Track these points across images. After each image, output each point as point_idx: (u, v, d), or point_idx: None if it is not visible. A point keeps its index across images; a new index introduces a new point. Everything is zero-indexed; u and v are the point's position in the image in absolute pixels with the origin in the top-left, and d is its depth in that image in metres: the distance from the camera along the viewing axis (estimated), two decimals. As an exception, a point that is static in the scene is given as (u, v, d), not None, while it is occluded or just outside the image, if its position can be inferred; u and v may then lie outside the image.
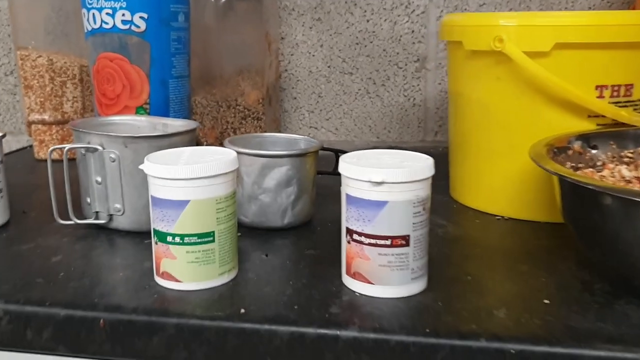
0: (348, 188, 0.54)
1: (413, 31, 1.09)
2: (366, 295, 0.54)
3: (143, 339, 0.52)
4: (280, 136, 0.77)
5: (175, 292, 0.56)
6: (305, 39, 1.12)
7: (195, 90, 1.01)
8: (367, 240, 0.53)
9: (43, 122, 1.03)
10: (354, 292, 0.55)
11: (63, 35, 1.03)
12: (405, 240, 0.53)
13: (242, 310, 0.52)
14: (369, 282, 0.54)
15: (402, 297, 0.54)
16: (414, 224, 0.53)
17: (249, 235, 0.69)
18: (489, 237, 0.69)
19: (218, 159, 0.56)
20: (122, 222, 0.69)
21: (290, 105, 1.16)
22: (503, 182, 0.74)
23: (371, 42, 1.10)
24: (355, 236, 0.54)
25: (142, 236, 0.68)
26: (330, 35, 1.11)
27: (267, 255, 0.64)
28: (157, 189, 0.55)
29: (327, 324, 0.50)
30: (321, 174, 0.77)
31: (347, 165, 0.54)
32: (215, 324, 0.51)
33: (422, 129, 1.13)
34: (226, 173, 0.55)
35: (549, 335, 0.47)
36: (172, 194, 0.54)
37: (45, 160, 0.96)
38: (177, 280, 0.56)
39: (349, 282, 0.56)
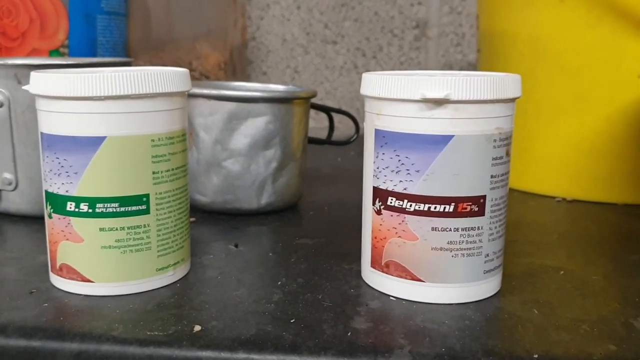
0: (380, 119, 0.32)
1: (411, -9, 0.89)
2: (409, 301, 0.32)
3: (12, 383, 0.28)
4: (256, 85, 0.54)
5: (80, 299, 0.32)
6: (278, -1, 0.91)
7: (137, 52, 0.78)
8: (414, 206, 0.31)
9: None
10: (387, 295, 0.33)
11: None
12: (478, 206, 0.31)
13: (197, 328, 0.29)
14: (415, 278, 0.32)
15: (471, 302, 0.32)
16: (492, 177, 0.31)
17: (209, 221, 0.46)
18: (560, 222, 0.48)
19: (155, 70, 0.33)
20: (14, 202, 0.46)
21: (259, 82, 0.93)
22: (566, 152, 0.53)
23: (360, 4, 0.90)
24: (392, 200, 0.32)
25: (43, 222, 0.44)
26: (309, -3, 0.90)
27: (236, 246, 0.41)
28: (49, 120, 0.32)
29: (352, 349, 0.27)
30: (311, 142, 0.55)
31: (382, 78, 0.32)
32: (148, 352, 0.28)
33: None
34: (171, 94, 0.33)
35: None
36: (75, 126, 0.31)
37: None
38: (84, 279, 0.33)
39: (377, 279, 0.34)
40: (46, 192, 0.33)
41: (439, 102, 0.30)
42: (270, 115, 0.46)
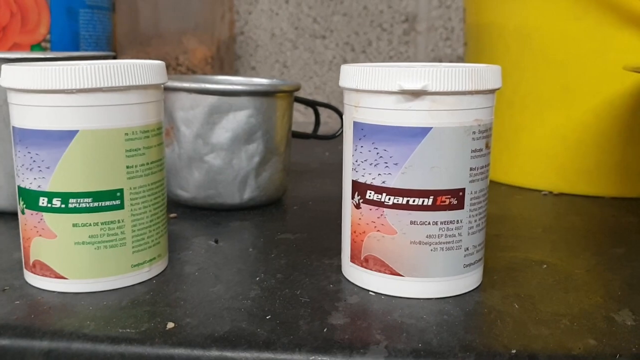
0: (358, 111, 0.32)
1: (400, -16, 0.88)
2: (388, 296, 0.32)
3: (-19, 382, 0.28)
4: (239, 79, 0.54)
5: (54, 296, 0.32)
6: (266, -6, 0.90)
7: (123, 47, 0.78)
8: (392, 200, 0.31)
9: None
10: (366, 290, 0.33)
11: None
12: (457, 199, 0.31)
13: (170, 325, 0.29)
14: (394, 273, 0.32)
15: (450, 297, 0.32)
16: (472, 170, 0.31)
17: (191, 216, 0.46)
18: (545, 215, 0.47)
19: (128, 62, 0.32)
20: (-8, 198, 0.45)
21: (247, 77, 0.93)
22: (552, 145, 0.53)
23: (349, -2, 0.89)
24: (371, 194, 0.32)
25: (20, 217, 0.43)
26: (298, -9, 0.90)
27: (217, 242, 0.40)
28: (20, 114, 0.31)
29: (327, 345, 0.27)
30: (296, 137, 0.54)
31: (360, 70, 0.31)
32: (119, 350, 0.27)
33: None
34: (145, 87, 0.32)
35: None
36: (46, 119, 0.31)
37: None
38: (58, 276, 0.32)
39: (357, 273, 0.33)
40: (19, 187, 0.33)
41: (416, 94, 0.30)
42: (252, 109, 0.45)
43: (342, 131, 0.58)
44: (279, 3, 0.90)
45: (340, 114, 0.57)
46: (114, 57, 0.50)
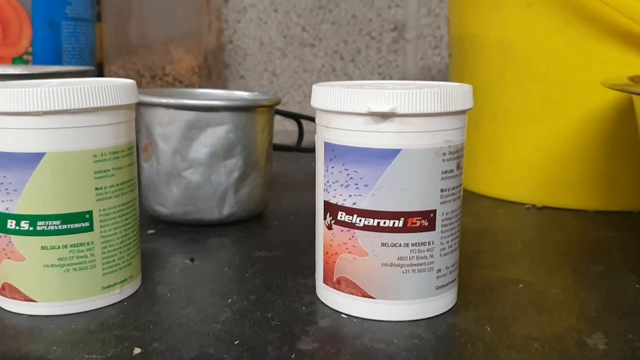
0: (329, 132, 0.31)
1: (389, -7, 0.88)
2: (360, 318, 0.32)
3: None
4: (218, 92, 0.53)
5: (23, 319, 0.32)
6: (254, 1, 0.90)
7: (110, 57, 0.77)
8: (363, 222, 0.31)
9: None
10: (339, 312, 0.32)
11: None
12: (428, 220, 0.31)
13: (137, 351, 0.28)
14: (365, 295, 0.31)
15: (423, 319, 0.31)
16: (442, 191, 0.31)
17: (169, 233, 0.45)
18: (526, 230, 0.47)
19: (96, 83, 0.32)
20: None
21: (236, 86, 0.92)
22: (535, 157, 0.52)
23: (337, 6, 0.89)
24: (342, 215, 0.31)
25: None
26: (287, -1, 0.89)
27: (192, 260, 0.40)
28: (-13, 136, 0.31)
29: (295, 372, 0.27)
30: (279, 150, 0.54)
31: (330, 91, 0.31)
32: (83, 378, 0.27)
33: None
34: (115, 107, 0.32)
35: None
36: (12, 141, 0.30)
37: None
38: (27, 299, 0.32)
39: (329, 295, 0.33)
40: (-13, 209, 0.32)
41: (385, 116, 0.29)
42: (231, 124, 0.45)
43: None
44: (267, 12, 0.90)
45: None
46: (99, 70, 0.50)
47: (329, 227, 0.32)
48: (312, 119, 0.55)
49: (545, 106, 0.51)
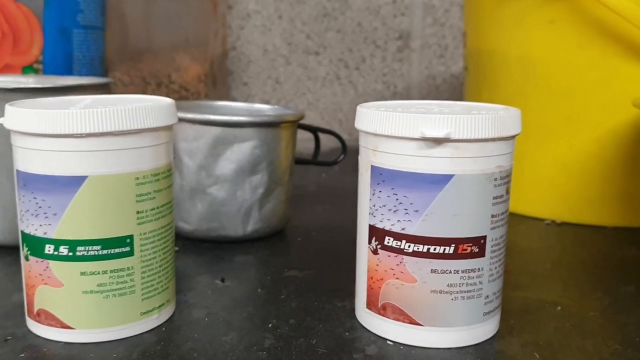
0: (377, 155, 0.31)
1: (394, 1, 0.87)
2: (407, 345, 0.31)
3: None
4: (240, 105, 0.53)
5: (60, 346, 0.31)
6: (259, 7, 0.89)
7: (114, 63, 0.76)
8: (412, 247, 0.30)
9: None
10: (384, 338, 0.32)
11: None
12: (479, 246, 0.30)
13: (186, 382, 0.27)
14: (413, 322, 0.31)
15: (470, 346, 0.31)
16: (493, 217, 0.30)
17: (193, 250, 0.45)
18: (552, 248, 0.47)
19: (141, 104, 0.31)
20: (-15, 231, 0.43)
21: (239, 93, 0.92)
22: (555, 174, 0.52)
23: (343, 14, 0.89)
24: (389, 240, 0.31)
25: (18, 253, 0.42)
26: (291, 3, 0.89)
27: (223, 281, 0.39)
28: (25, 157, 0.30)
29: (352, 405, 0.26)
30: (298, 164, 0.54)
31: (379, 114, 0.30)
32: (132, 412, 0.26)
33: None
34: (156, 129, 0.31)
35: None
36: (54, 164, 0.29)
37: None
38: (64, 326, 0.31)
39: (373, 321, 0.32)
40: (22, 232, 0.31)
41: (439, 141, 0.29)
42: (257, 140, 0.44)
43: (342, 157, 0.57)
44: (272, 19, 0.89)
45: (342, 140, 0.56)
46: (109, 85, 0.48)
47: (375, 252, 0.32)
48: (331, 132, 0.55)
49: (566, 123, 0.51)
